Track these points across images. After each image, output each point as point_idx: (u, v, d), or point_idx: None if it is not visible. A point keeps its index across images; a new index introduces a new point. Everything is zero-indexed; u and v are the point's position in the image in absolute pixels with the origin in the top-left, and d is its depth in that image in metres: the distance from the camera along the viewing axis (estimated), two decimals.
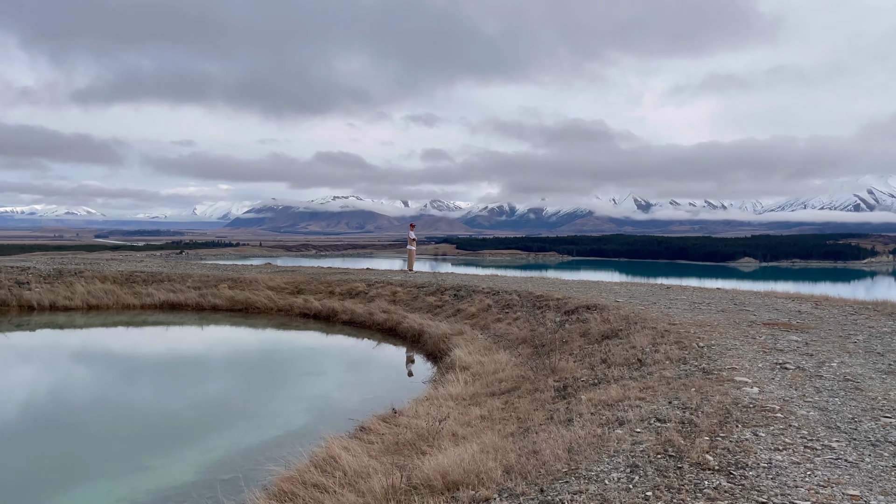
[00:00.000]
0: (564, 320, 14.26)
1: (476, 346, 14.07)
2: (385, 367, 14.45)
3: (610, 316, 13.09)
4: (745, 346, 9.52)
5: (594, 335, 12.15)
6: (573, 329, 13.15)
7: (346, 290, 23.10)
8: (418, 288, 21.68)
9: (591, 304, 14.95)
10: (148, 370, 14.53)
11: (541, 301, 16.74)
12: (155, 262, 31.11)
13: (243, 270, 27.91)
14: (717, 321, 11.96)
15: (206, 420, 10.55)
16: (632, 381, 8.10)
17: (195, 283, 24.91)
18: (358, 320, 20.14)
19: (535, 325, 14.89)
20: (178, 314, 22.69)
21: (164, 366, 14.97)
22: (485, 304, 17.94)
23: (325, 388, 12.54)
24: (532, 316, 15.78)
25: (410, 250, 27.95)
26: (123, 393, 12.50)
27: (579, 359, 10.57)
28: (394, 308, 20.18)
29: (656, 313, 13.17)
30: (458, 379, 11.06)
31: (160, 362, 15.42)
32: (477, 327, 16.39)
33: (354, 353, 16.20)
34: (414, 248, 28.07)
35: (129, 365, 15.22)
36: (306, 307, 22.10)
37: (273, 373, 14.06)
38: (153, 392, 12.48)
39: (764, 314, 12.99)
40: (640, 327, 11.59)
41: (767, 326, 11.31)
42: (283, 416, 10.55)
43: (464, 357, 12.57)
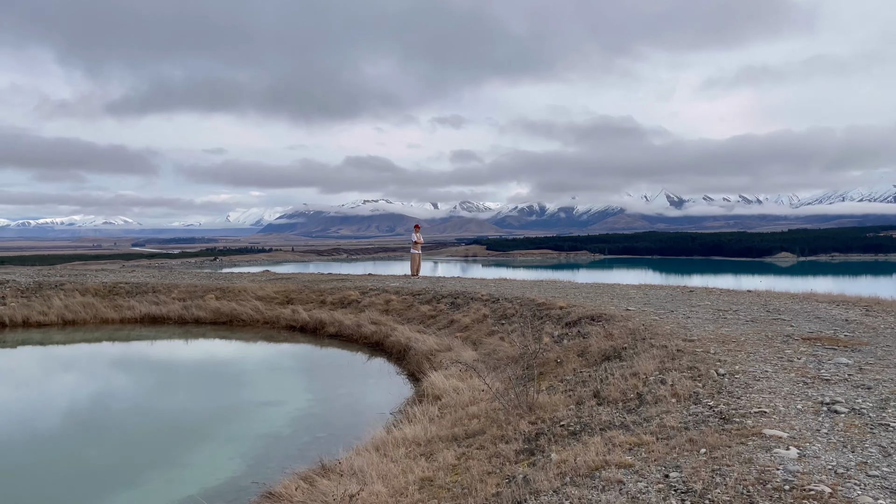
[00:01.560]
0: (563, 334, 12.11)
1: (461, 366, 12.01)
2: (356, 393, 12.44)
3: (615, 330, 10.92)
4: (780, 372, 7.31)
5: (593, 355, 10.00)
6: (571, 346, 11.00)
7: (339, 299, 21.19)
8: (414, 296, 19.67)
9: (596, 314, 12.77)
10: (72, 398, 12.74)
11: (542, 310, 14.60)
12: (145, 273, 29.55)
13: (235, 279, 26.17)
14: (745, 335, 9.72)
15: (113, 472, 8.65)
16: (622, 430, 5.97)
17: (181, 294, 23.21)
18: (345, 333, 18.21)
19: (530, 339, 12.74)
20: (158, 328, 20.98)
21: (92, 395, 13.15)
22: (480, 315, 15.86)
23: (276, 423, 10.57)
24: (529, 328, 13.63)
25: (414, 254, 25.86)
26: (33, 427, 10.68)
27: (569, 388, 8.45)
28: (385, 319, 18.20)
29: (671, 325, 10.97)
30: (423, 414, 9.06)
31: (90, 390, 13.62)
32: (468, 342, 14.32)
33: (328, 374, 14.24)
34: (419, 252, 25.96)
35: (57, 391, 13.44)
36: (293, 319, 20.23)
37: (225, 403, 12.13)
38: (62, 427, 10.66)
39: (803, 324, 10.71)
40: (648, 345, 9.41)
41: (808, 342, 9.05)
42: (204, 467, 8.61)
43: (439, 383, 10.53)
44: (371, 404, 11.42)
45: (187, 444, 9.82)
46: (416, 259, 25.70)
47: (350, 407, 11.40)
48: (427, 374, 12.31)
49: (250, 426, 10.46)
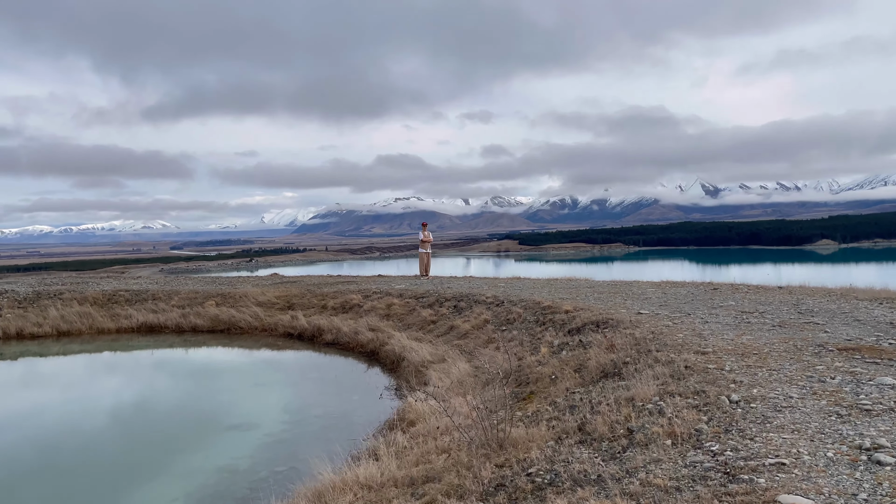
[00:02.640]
0: (563, 344, 10.73)
1: (449, 381, 10.73)
2: (335, 414, 11.19)
3: (619, 339, 9.51)
4: (807, 399, 5.88)
5: (591, 371, 8.62)
6: (569, 360, 9.62)
7: (341, 304, 20.03)
8: (417, 299, 18.41)
9: (603, 319, 11.35)
10: (37, 416, 11.73)
11: (546, 315, 13.22)
12: (148, 279, 28.77)
13: (238, 284, 25.17)
14: (769, 345, 8.26)
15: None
16: (595, 489, 4.62)
17: (181, 302, 22.29)
18: (342, 341, 17.05)
19: (528, 349, 11.40)
20: (154, 338, 20.06)
21: (55, 415, 12.12)
22: (481, 320, 14.54)
23: (239, 452, 9.41)
24: (530, 335, 12.30)
25: (422, 253, 24.51)
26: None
27: (555, 416, 7.09)
28: (384, 325, 16.98)
29: (685, 333, 9.53)
30: (390, 445, 7.80)
31: (58, 409, 12.61)
32: (465, 351, 13.01)
33: (312, 390, 13.03)
34: (428, 251, 24.53)
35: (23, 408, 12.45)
36: (291, 326, 19.13)
37: (192, 428, 10.99)
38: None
39: (839, 329, 9.18)
40: (652, 360, 8.01)
41: (844, 354, 7.56)
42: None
43: (416, 406, 9.26)
44: (347, 428, 10.18)
45: (133, 481, 8.69)
46: (423, 258, 24.32)
47: (324, 432, 10.16)
48: (414, 390, 11.08)
49: (210, 457, 9.30)
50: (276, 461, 8.99)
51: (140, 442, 10.06)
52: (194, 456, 9.35)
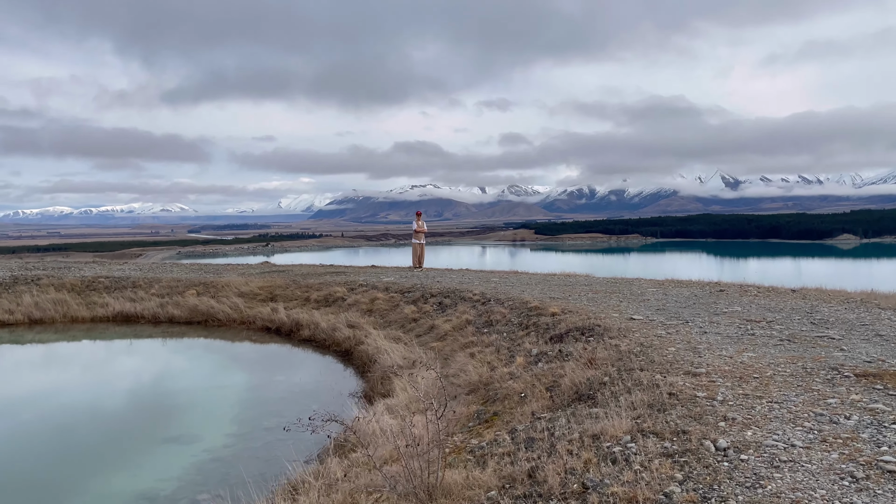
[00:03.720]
0: (542, 354, 9.49)
1: (414, 392, 9.54)
2: (287, 428, 10.03)
3: (602, 351, 8.26)
4: (814, 448, 4.63)
5: (564, 390, 7.39)
6: (544, 373, 8.39)
7: (324, 297, 18.89)
8: (402, 294, 17.22)
9: (590, 324, 10.10)
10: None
11: (531, 316, 11.97)
12: (132, 265, 27.79)
13: (223, 272, 24.11)
14: (774, 366, 6.98)
15: None
16: None
17: (161, 290, 21.25)
18: (319, 337, 15.93)
19: (504, 357, 10.17)
20: (128, 328, 19.05)
21: None
22: (463, 321, 13.32)
23: (165, 474, 8.28)
24: (510, 340, 11.06)
25: (415, 244, 23.16)
26: None
27: (509, 451, 5.88)
28: (364, 321, 15.82)
29: (679, 345, 8.27)
30: (319, 478, 6.64)
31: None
32: (441, 355, 11.81)
33: (272, 396, 11.88)
34: (422, 242, 23.25)
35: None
36: (270, 319, 18.03)
37: (125, 437, 9.87)
38: None
39: (858, 346, 7.88)
40: (634, 381, 6.76)
41: (863, 382, 6.27)
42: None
43: (365, 426, 8.07)
44: (293, 445, 9.00)
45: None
46: (417, 249, 23.06)
47: (266, 449, 9.01)
48: (374, 402, 9.94)
49: (131, 478, 8.17)
50: (200, 486, 7.85)
51: (55, 457, 8.94)
52: (114, 477, 8.22)
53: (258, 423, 10.20)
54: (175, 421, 10.54)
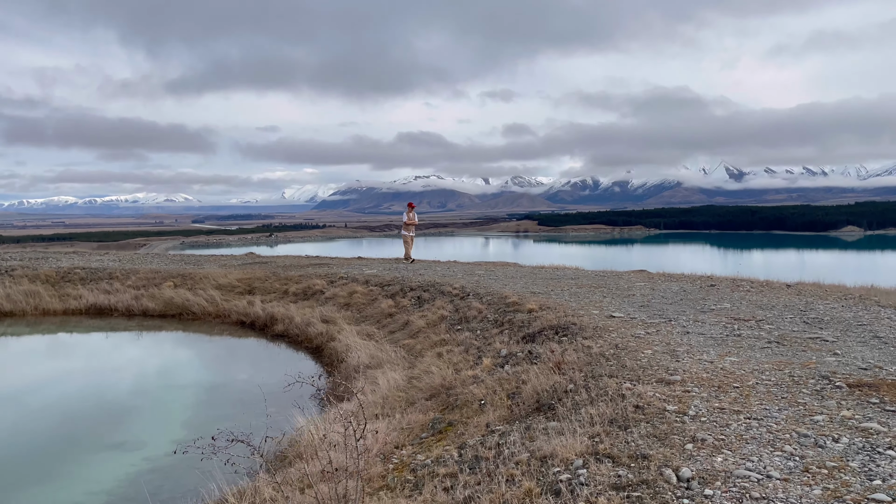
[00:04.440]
0: (511, 355, 8.75)
1: (374, 396, 8.84)
2: (237, 434, 9.35)
3: (572, 354, 7.52)
4: (794, 481, 3.89)
5: (526, 398, 6.66)
6: (508, 378, 7.65)
7: (303, 290, 18.18)
8: (381, 287, 16.50)
9: (566, 322, 9.36)
10: None
11: (508, 312, 11.23)
12: (112, 255, 27.10)
13: (204, 263, 23.42)
14: (758, 372, 6.25)
15: None
16: None
17: (138, 281, 20.57)
18: (292, 333, 15.24)
19: (473, 357, 9.45)
20: (100, 321, 18.40)
21: None
22: (438, 316, 12.60)
23: (96, 486, 7.62)
24: (482, 339, 10.33)
25: (405, 236, 22.23)
26: None
27: (449, 475, 5.16)
28: (339, 316, 15.12)
29: (657, 347, 7.53)
30: (239, 501, 5.95)
31: None
32: (410, 354, 11.09)
33: (233, 397, 11.18)
34: (411, 234, 22.30)
35: None
36: (245, 313, 17.33)
37: (66, 442, 9.18)
38: None
39: (853, 350, 7.12)
40: (600, 390, 6.04)
41: (857, 394, 5.53)
42: None
43: (305, 438, 7.39)
44: (235, 456, 8.31)
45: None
46: (408, 242, 22.11)
47: (205, 462, 8.30)
48: (333, 405, 9.24)
49: (55, 493, 7.48)
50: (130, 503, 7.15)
51: None
52: (40, 490, 7.53)
53: (209, 427, 9.43)
54: (123, 425, 9.86)
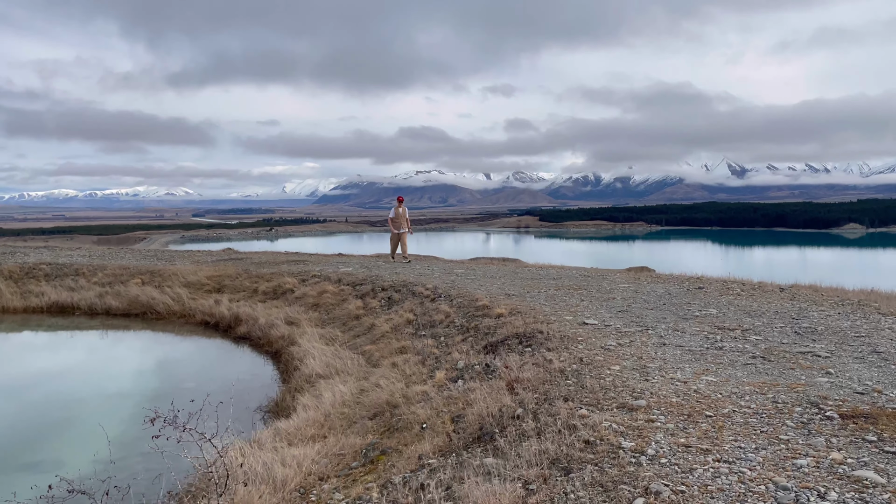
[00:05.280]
0: (468, 367, 7.85)
1: (315, 413, 7.94)
2: (156, 458, 8.46)
3: (530, 369, 6.62)
4: None
5: (470, 424, 5.77)
6: (458, 396, 6.75)
7: (273, 288, 17.28)
8: (353, 287, 15.60)
9: (532, 330, 8.44)
10: None
11: (476, 317, 10.33)
12: (82, 251, 26.20)
13: (177, 258, 22.53)
14: (737, 396, 5.35)
15: None
16: None
17: (105, 278, 19.68)
18: (254, 335, 14.34)
19: (429, 368, 8.55)
20: (63, 319, 17.56)
21: None
22: (404, 320, 11.70)
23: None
24: (443, 347, 9.44)
25: (393, 234, 20.13)
26: None
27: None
28: (305, 317, 14.23)
29: (627, 362, 6.64)
30: None
31: None
32: (370, 362, 10.20)
33: (174, 407, 10.27)
34: (398, 231, 20.00)
35: None
36: (209, 313, 16.45)
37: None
38: None
39: (848, 368, 6.22)
40: (550, 417, 5.14)
41: (850, 427, 4.62)
42: None
43: (236, 463, 6.49)
44: (144, 489, 7.43)
45: None
46: (394, 240, 20.29)
47: (121, 489, 7.41)
48: (271, 423, 8.37)
49: None
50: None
51: None
52: None
53: (136, 446, 8.60)
54: (45, 440, 8.98)
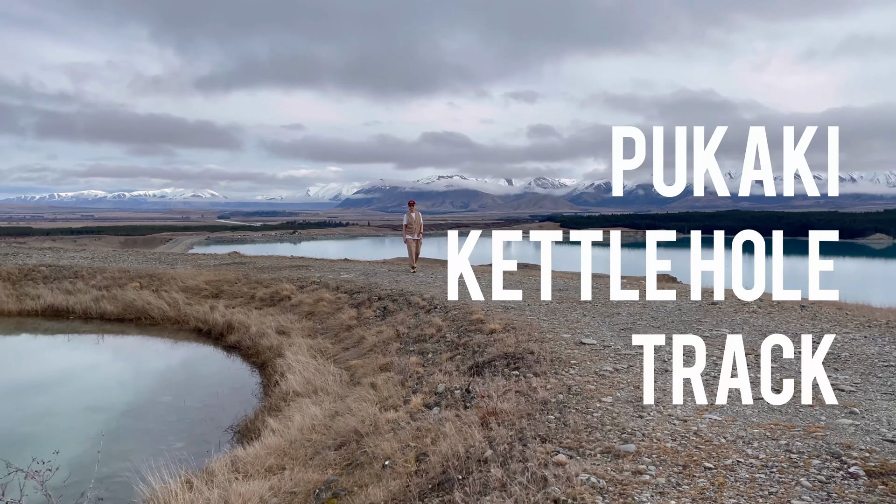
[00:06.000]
0: (447, 392, 7.09)
1: (284, 438, 7.25)
2: (109, 484, 7.79)
3: (511, 398, 5.88)
4: None
5: (432, 467, 5.04)
6: (428, 429, 6.00)
7: (270, 295, 16.66)
8: (350, 295, 14.93)
9: (522, 350, 7.67)
10: None
11: (468, 332, 9.58)
12: (85, 253, 25.81)
13: (179, 262, 22.03)
14: (744, 443, 4.56)
15: None
16: None
17: (103, 281, 19.21)
18: (244, 345, 13.71)
19: (409, 389, 7.80)
20: (58, 322, 17.12)
21: None
22: (395, 333, 10.98)
23: None
24: (429, 366, 8.69)
25: (409, 241, 18.09)
26: None
27: None
28: (297, 327, 13.59)
29: (621, 392, 5.86)
30: None
31: None
32: (353, 379, 9.48)
33: (142, 424, 9.64)
34: (415, 238, 18.07)
35: None
36: (203, 319, 15.86)
37: None
38: None
39: (877, 408, 5.38)
40: (520, 464, 4.40)
41: (878, 489, 3.81)
42: None
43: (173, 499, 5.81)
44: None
45: None
46: (410, 247, 18.24)
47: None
48: (233, 448, 7.69)
49: None
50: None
51: None
52: None
53: (91, 470, 7.94)
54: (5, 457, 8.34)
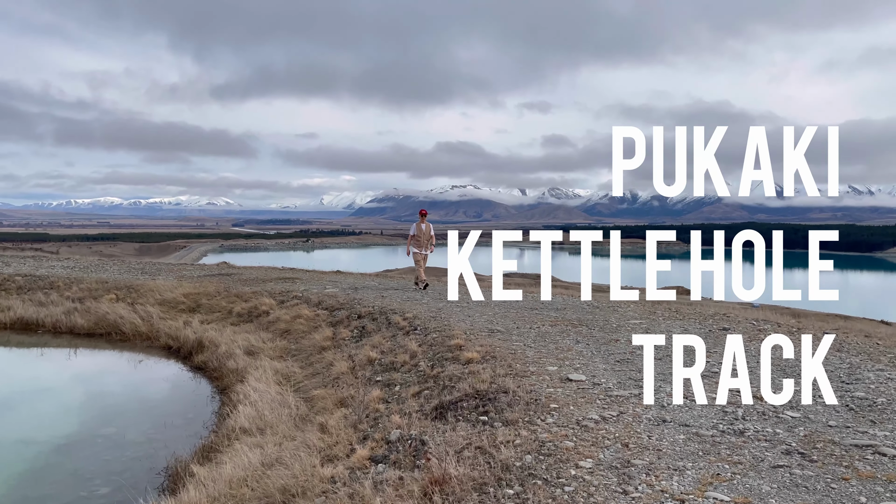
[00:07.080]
0: (400, 441, 5.92)
1: (208, 491, 6.11)
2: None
3: (465, 461, 4.72)
4: None
5: None
6: (362, 496, 4.85)
7: (248, 310, 15.60)
8: (330, 311, 13.82)
9: (497, 387, 6.50)
10: None
11: (443, 360, 8.42)
12: (67, 263, 24.90)
13: (161, 273, 21.02)
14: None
15: None
16: None
17: (78, 293, 18.22)
18: (211, 366, 12.62)
19: (362, 432, 6.65)
20: (27, 336, 16.12)
21: None
22: (365, 359, 9.82)
23: None
24: (391, 402, 7.53)
25: (417, 255, 16.20)
26: None
27: None
28: (270, 346, 12.50)
29: (605, 453, 4.69)
30: None
31: None
32: (310, 413, 8.34)
33: (74, 463, 8.52)
34: (421, 252, 16.20)
35: None
36: (174, 336, 14.80)
37: None
38: None
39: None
40: None
41: None
42: None
43: None
44: None
45: None
46: (417, 261, 16.37)
47: None
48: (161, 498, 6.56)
49: None
50: None
51: None
52: None
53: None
54: None
